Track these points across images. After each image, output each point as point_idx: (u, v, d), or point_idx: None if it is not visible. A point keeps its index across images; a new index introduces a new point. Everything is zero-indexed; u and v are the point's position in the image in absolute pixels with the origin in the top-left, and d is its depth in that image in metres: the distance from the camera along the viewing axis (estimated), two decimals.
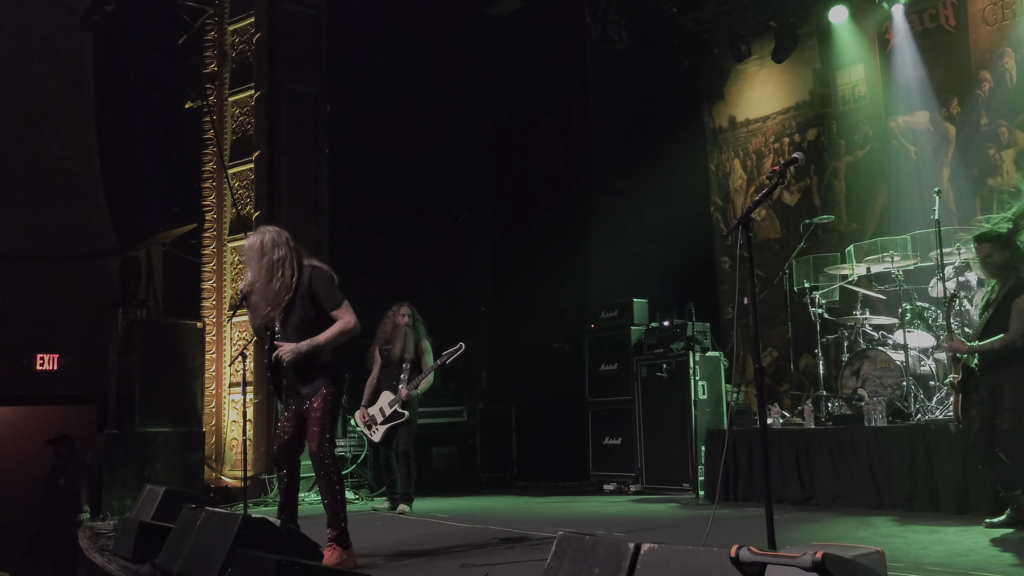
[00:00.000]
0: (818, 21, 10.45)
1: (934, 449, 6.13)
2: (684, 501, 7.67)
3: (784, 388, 10.13)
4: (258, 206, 9.14)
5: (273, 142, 9.18)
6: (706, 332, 8.66)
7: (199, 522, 4.69)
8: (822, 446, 6.87)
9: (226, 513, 4.79)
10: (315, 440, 4.71)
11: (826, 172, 10.58)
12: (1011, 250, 5.29)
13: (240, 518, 4.35)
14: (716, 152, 11.87)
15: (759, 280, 10.79)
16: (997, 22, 8.98)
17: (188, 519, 4.89)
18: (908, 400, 6.89)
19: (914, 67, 9.60)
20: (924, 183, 9.26)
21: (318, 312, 4.80)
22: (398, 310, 7.86)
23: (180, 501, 5.55)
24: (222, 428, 9.24)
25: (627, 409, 8.83)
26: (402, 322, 7.77)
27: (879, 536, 5.25)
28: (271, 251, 4.80)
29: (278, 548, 4.13)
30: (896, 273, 7.62)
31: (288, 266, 4.81)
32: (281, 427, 4.92)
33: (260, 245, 4.81)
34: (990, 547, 4.69)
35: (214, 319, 9.43)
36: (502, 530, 5.88)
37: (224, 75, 9.71)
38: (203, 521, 4.67)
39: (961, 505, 5.91)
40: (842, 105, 10.49)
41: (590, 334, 9.48)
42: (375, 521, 7.00)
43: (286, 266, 4.81)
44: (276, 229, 4.94)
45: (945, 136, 9.41)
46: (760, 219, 11.08)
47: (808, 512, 6.54)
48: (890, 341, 7.63)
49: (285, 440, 4.86)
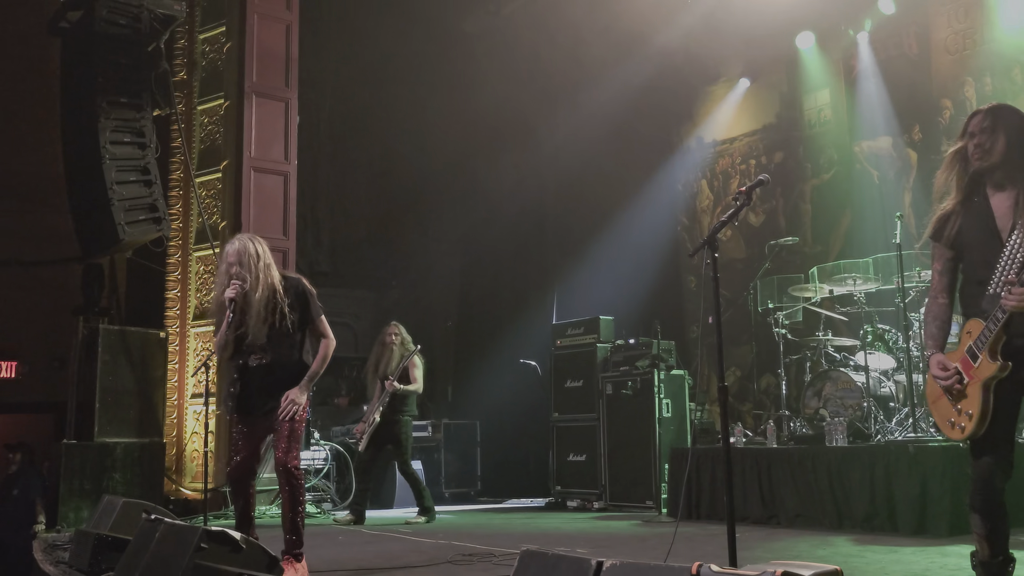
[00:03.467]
0: (786, 46, 10.61)
1: (893, 470, 6.21)
2: (647, 518, 7.70)
3: (747, 407, 10.22)
4: (225, 216, 9.08)
5: (242, 152, 9.13)
6: (671, 350, 8.72)
7: (157, 534, 4.62)
8: (784, 465, 6.93)
9: (185, 526, 4.72)
10: (283, 451, 4.63)
11: (792, 194, 10.72)
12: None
13: (200, 531, 4.30)
14: (684, 172, 11.98)
15: (724, 299, 10.90)
16: (958, 51, 9.18)
17: (146, 531, 4.81)
18: (868, 421, 6.98)
19: (878, 93, 9.77)
20: (886, 207, 9.42)
21: (293, 324, 4.70)
22: (386, 330, 8.18)
23: (139, 513, 5.47)
24: (183, 439, 9.14)
25: (592, 426, 8.86)
26: (389, 341, 8.03)
27: (838, 555, 5.31)
28: (264, 257, 4.68)
29: (239, 562, 4.09)
30: (858, 295, 7.74)
31: (275, 275, 4.72)
32: (239, 446, 4.78)
33: (255, 252, 4.66)
34: (947, 568, 4.75)
35: (177, 329, 9.33)
36: (465, 545, 5.87)
37: (193, 83, 9.66)
38: (162, 533, 4.60)
39: (919, 526, 5.99)
40: (808, 128, 10.64)
41: (556, 350, 9.50)
42: (337, 536, 6.95)
43: (275, 274, 4.71)
44: (257, 237, 4.84)
45: (907, 161, 9.58)
46: (726, 239, 11.19)
47: (770, 530, 6.58)
48: (852, 362, 7.73)
49: (244, 459, 4.75)
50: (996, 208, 3.21)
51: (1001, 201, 3.20)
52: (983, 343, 3.14)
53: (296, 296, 4.72)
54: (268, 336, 4.67)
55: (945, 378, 3.25)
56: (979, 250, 3.23)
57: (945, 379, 3.25)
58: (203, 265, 9.25)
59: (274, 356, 4.68)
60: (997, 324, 3.09)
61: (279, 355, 4.69)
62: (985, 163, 3.21)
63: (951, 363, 3.26)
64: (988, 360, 3.12)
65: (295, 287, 4.75)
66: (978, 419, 3.14)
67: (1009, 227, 3.15)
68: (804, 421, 7.68)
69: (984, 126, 3.23)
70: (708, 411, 9.56)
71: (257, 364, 4.72)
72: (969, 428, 3.18)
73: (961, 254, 3.31)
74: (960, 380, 3.22)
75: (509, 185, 11.38)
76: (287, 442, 4.66)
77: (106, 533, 5.40)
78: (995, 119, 3.23)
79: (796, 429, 7.65)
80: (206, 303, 9.16)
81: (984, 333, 3.15)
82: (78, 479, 7.83)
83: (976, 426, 3.16)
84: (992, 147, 3.20)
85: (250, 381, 4.71)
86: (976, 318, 3.22)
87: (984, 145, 3.21)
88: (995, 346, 3.12)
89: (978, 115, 3.29)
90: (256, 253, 4.66)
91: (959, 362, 3.23)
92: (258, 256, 4.65)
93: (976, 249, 3.24)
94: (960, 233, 3.27)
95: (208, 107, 9.50)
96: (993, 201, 3.23)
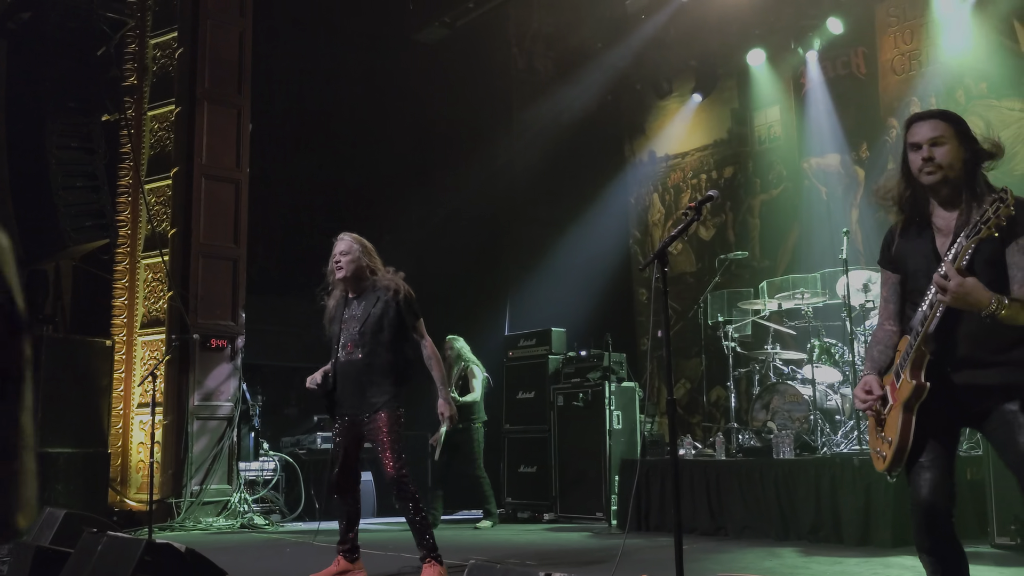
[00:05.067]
0: (737, 63, 10.77)
1: (838, 482, 6.31)
2: (597, 530, 7.72)
3: (696, 419, 10.31)
4: (175, 223, 8.95)
5: (192, 159, 9.02)
6: (622, 362, 8.78)
7: (100, 547, 4.54)
8: (732, 477, 7.01)
9: (129, 538, 4.64)
10: (390, 463, 4.95)
11: (741, 209, 10.87)
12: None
13: (143, 543, 4.23)
14: (636, 186, 12.09)
15: (674, 312, 11.01)
16: (904, 72, 9.39)
17: (88, 544, 4.72)
18: (815, 433, 7.08)
19: (826, 111, 9.96)
20: (834, 223, 9.59)
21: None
22: (444, 345, 8.50)
23: (81, 525, 5.35)
24: (128, 450, 8.97)
25: (543, 438, 8.87)
26: (447, 356, 8.40)
27: (784, 567, 5.37)
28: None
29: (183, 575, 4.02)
30: (806, 310, 7.86)
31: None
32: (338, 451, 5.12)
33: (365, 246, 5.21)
34: None
35: (124, 337, 9.17)
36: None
37: (144, 89, 9.52)
38: (104, 546, 4.52)
39: (863, 536, 6.08)
40: (758, 145, 10.80)
41: (508, 362, 9.51)
42: (284, 548, 6.87)
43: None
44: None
45: (855, 178, 9.77)
46: (676, 253, 11.31)
47: (718, 542, 6.64)
48: (799, 376, 7.85)
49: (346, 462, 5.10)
50: (940, 226, 2.90)
51: (946, 221, 2.88)
52: (905, 360, 2.83)
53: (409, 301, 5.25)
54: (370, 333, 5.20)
55: (863, 400, 2.94)
56: (921, 274, 2.89)
57: (863, 401, 2.94)
58: (151, 272, 9.11)
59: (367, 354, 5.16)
60: (917, 338, 2.79)
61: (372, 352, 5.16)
62: (935, 179, 2.86)
63: (878, 387, 2.94)
64: (907, 379, 2.80)
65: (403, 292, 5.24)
66: (897, 445, 2.82)
67: (946, 248, 2.82)
68: (752, 433, 7.77)
69: (934, 136, 2.87)
70: (658, 423, 9.63)
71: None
72: (889, 456, 2.85)
73: (908, 283, 2.98)
74: (883, 403, 2.91)
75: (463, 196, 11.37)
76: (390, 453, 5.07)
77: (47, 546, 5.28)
78: (946, 128, 2.87)
79: (744, 441, 7.74)
80: (154, 311, 9.03)
81: (907, 350, 2.84)
82: None
83: (895, 453, 2.83)
84: (945, 161, 2.85)
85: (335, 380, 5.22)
86: (906, 336, 2.91)
87: (935, 159, 2.85)
88: (918, 363, 2.80)
89: (924, 124, 2.92)
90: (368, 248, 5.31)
91: (889, 384, 2.92)
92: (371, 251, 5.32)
93: (918, 274, 2.91)
94: (903, 256, 2.97)
95: (159, 113, 9.36)
96: (936, 221, 2.91)
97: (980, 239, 2.64)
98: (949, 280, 2.62)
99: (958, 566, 2.81)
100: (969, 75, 8.80)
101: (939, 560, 2.80)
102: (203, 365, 8.74)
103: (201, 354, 8.68)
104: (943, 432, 2.85)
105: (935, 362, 2.81)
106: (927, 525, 2.78)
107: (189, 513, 8.32)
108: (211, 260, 8.99)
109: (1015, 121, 8.42)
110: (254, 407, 9.23)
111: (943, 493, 2.78)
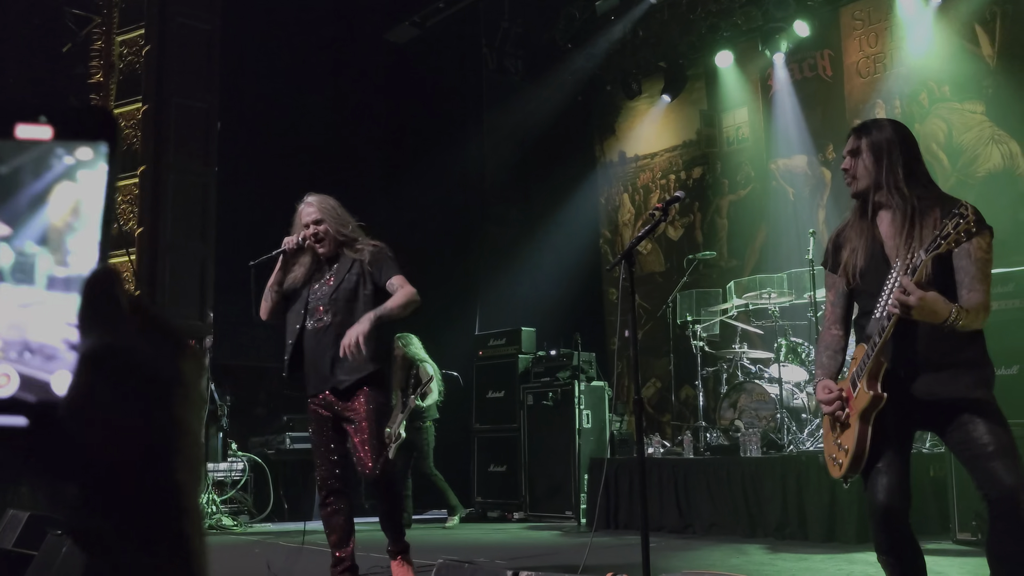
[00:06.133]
0: (705, 64, 10.85)
1: (804, 479, 6.38)
2: (567, 529, 7.75)
3: (666, 418, 10.38)
4: (142, 222, 8.88)
5: (160, 157, 8.95)
6: (592, 362, 8.82)
7: (64, 549, 4.50)
8: (700, 475, 7.07)
9: None
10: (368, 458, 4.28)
11: (709, 209, 10.94)
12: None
13: None
14: (606, 186, 12.14)
15: (644, 312, 11.07)
16: (869, 74, 9.50)
17: (52, 546, 4.68)
18: (781, 432, 7.16)
19: (793, 113, 10.06)
20: (801, 223, 9.68)
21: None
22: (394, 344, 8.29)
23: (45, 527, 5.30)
24: None
25: (513, 437, 8.90)
26: (396, 354, 8.20)
27: (751, 564, 5.43)
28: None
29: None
30: (772, 309, 7.94)
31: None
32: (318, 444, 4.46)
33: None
34: (853, 574, 4.90)
35: None
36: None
37: (110, 86, 9.42)
38: (68, 549, 4.48)
39: (828, 533, 6.16)
40: (726, 146, 10.88)
41: (478, 361, 9.52)
42: (253, 549, 6.84)
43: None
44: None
45: (821, 179, 9.87)
46: (646, 252, 11.37)
47: (686, 540, 6.70)
48: (766, 375, 7.92)
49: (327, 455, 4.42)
50: (883, 231, 2.96)
51: (887, 223, 2.95)
52: (862, 370, 2.85)
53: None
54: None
55: (829, 402, 2.95)
56: (870, 280, 2.95)
57: (829, 403, 2.95)
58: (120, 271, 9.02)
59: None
60: (874, 349, 2.81)
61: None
62: (856, 188, 2.98)
63: (836, 388, 2.97)
64: (864, 389, 2.82)
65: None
66: (853, 454, 2.85)
67: (894, 251, 2.90)
68: (720, 432, 7.84)
69: (850, 149, 3.00)
70: (627, 422, 9.67)
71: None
72: (845, 464, 2.88)
73: (854, 285, 3.03)
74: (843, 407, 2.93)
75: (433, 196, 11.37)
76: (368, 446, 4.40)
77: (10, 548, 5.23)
78: (858, 140, 2.99)
79: (713, 440, 7.81)
80: None
81: (863, 359, 2.86)
82: None
83: (852, 462, 2.86)
84: (857, 170, 2.97)
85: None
86: (862, 344, 2.95)
87: (850, 170, 2.99)
88: (875, 373, 2.82)
89: (849, 137, 3.06)
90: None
91: (845, 390, 2.96)
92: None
93: (867, 276, 2.96)
94: (851, 260, 3.01)
95: (126, 111, 9.27)
96: (880, 225, 2.98)
97: (939, 254, 2.69)
98: (910, 295, 2.64)
99: (915, 565, 2.88)
100: (932, 78, 8.92)
101: (897, 560, 2.86)
102: None
103: None
104: (897, 437, 2.90)
105: (889, 368, 2.84)
106: (885, 527, 2.84)
107: None
108: (179, 259, 8.93)
109: (976, 124, 8.54)
110: (222, 407, 9.17)
111: (899, 496, 2.83)
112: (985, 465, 2.69)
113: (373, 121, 12.01)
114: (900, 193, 2.89)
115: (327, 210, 4.67)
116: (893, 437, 2.87)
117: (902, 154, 2.93)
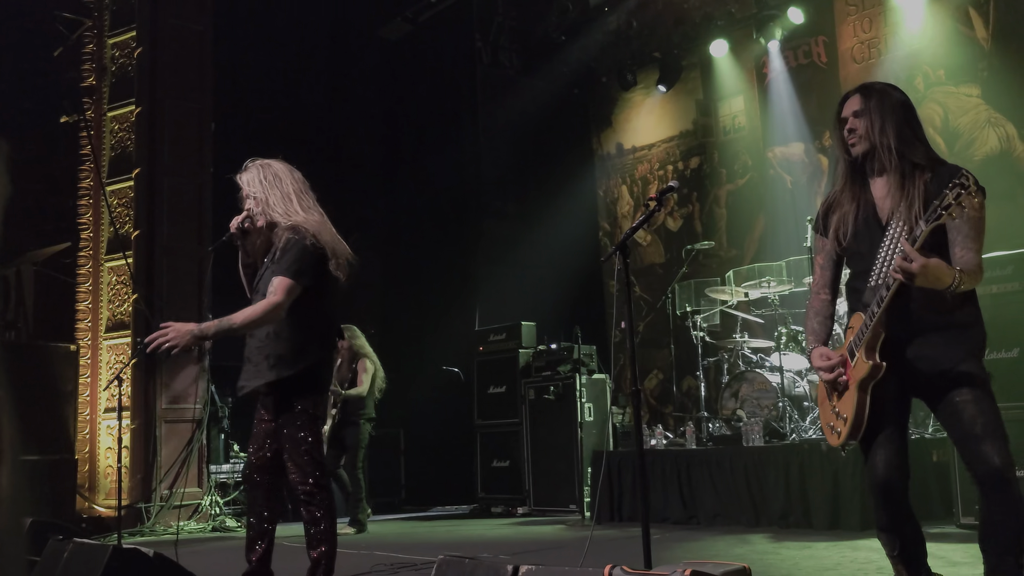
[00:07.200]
0: (700, 53, 10.81)
1: (807, 467, 6.37)
2: (570, 522, 7.75)
3: (668, 409, 10.36)
4: (138, 225, 8.86)
5: (154, 160, 8.93)
6: (592, 355, 8.80)
7: (66, 554, 4.49)
8: (703, 466, 7.06)
9: (96, 544, 4.60)
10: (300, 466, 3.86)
11: (708, 199, 10.92)
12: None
13: (110, 549, 4.19)
14: (604, 178, 12.11)
15: (645, 304, 11.06)
16: (864, 60, 9.47)
17: (55, 551, 4.67)
18: (784, 420, 7.15)
19: (789, 100, 10.02)
20: (799, 211, 9.65)
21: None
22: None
23: (47, 532, 5.30)
24: (96, 455, 8.88)
25: (515, 431, 8.89)
26: (340, 346, 7.84)
27: (755, 553, 5.42)
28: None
29: None
30: (772, 298, 7.92)
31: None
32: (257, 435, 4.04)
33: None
34: (857, 562, 4.89)
35: (89, 341, 9.07)
36: (387, 555, 5.82)
37: (103, 89, 9.40)
38: (71, 553, 4.47)
39: (832, 521, 6.15)
40: (723, 135, 10.85)
41: (478, 356, 9.51)
42: None
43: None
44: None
45: (818, 167, 9.84)
46: (645, 244, 11.35)
47: (689, 531, 6.69)
48: (767, 363, 7.91)
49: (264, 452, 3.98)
50: (876, 195, 2.98)
51: (881, 187, 2.96)
52: (860, 340, 2.87)
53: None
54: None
55: (828, 368, 2.95)
56: (862, 240, 2.96)
57: (829, 370, 2.95)
58: (115, 275, 9.01)
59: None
60: (873, 318, 2.82)
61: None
62: (860, 148, 2.98)
63: (834, 353, 2.98)
64: (863, 359, 2.84)
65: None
66: (852, 423, 2.87)
67: (886, 213, 2.92)
68: (722, 422, 7.83)
69: (856, 109, 3.02)
70: (629, 414, 9.65)
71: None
72: (844, 432, 2.91)
73: (845, 246, 3.04)
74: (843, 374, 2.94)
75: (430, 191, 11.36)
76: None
77: None
78: (865, 100, 3.01)
79: (715, 430, 7.80)
80: (119, 314, 8.93)
81: (861, 329, 2.87)
82: None
83: (850, 430, 2.88)
84: (864, 130, 2.98)
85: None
86: (858, 312, 2.94)
87: (857, 130, 2.99)
88: (873, 343, 2.84)
89: (849, 98, 3.09)
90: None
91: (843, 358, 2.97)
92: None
93: (859, 239, 2.97)
94: (842, 223, 3.02)
95: (119, 113, 9.25)
96: (874, 188, 2.99)
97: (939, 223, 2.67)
98: (913, 262, 2.65)
99: (916, 545, 2.92)
100: (927, 62, 8.89)
101: (897, 537, 2.90)
102: (170, 367, 8.66)
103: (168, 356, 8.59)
104: (895, 407, 2.92)
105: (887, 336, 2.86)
106: (884, 502, 2.88)
107: (159, 517, 8.26)
108: (175, 261, 8.92)
109: (972, 107, 8.51)
110: (223, 408, 9.17)
111: (898, 469, 2.88)
112: (975, 447, 2.74)
113: (369, 118, 11.98)
114: (897, 155, 2.91)
115: (255, 183, 4.24)
116: (892, 407, 2.90)
117: (906, 119, 2.98)
